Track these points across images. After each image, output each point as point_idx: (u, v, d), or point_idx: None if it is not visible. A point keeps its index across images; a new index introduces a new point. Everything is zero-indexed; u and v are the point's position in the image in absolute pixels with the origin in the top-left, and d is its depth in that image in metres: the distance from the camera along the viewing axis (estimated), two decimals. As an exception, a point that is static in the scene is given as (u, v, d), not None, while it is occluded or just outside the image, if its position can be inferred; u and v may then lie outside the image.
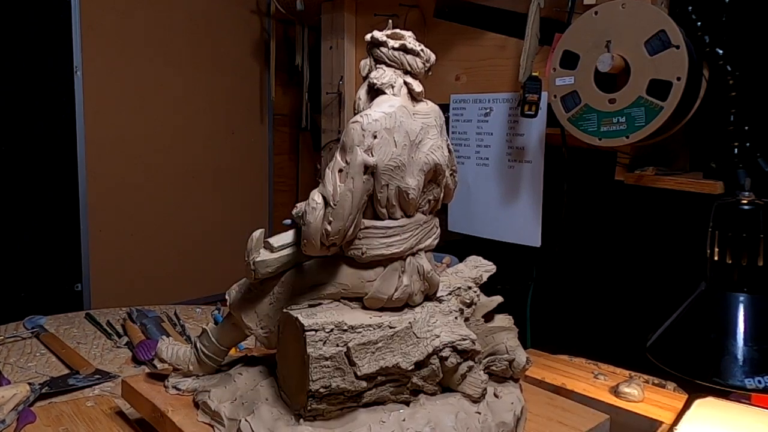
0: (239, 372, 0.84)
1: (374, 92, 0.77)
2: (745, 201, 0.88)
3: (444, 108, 0.90)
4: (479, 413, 0.78)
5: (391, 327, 0.73)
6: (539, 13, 1.31)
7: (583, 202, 1.54)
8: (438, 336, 0.75)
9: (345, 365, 0.70)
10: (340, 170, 0.71)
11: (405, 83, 0.77)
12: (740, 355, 0.84)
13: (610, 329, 1.50)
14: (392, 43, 0.76)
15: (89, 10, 1.79)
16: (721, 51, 1.07)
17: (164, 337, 0.91)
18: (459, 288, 0.83)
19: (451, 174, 0.81)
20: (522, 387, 0.88)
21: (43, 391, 1.01)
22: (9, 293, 1.73)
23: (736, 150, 1.03)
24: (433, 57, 0.79)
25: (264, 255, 0.76)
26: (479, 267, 0.89)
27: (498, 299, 0.88)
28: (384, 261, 0.75)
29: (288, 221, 0.79)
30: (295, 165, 2.42)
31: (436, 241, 0.80)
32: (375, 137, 0.71)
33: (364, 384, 0.71)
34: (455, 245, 1.58)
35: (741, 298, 0.87)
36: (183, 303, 1.68)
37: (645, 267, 1.49)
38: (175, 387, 0.87)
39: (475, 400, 0.79)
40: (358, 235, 0.74)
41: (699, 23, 1.10)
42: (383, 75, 0.76)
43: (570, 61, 1.20)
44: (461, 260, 0.92)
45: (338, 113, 1.92)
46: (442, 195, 0.80)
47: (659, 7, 1.14)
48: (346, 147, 0.71)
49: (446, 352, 0.76)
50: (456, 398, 0.78)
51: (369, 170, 0.71)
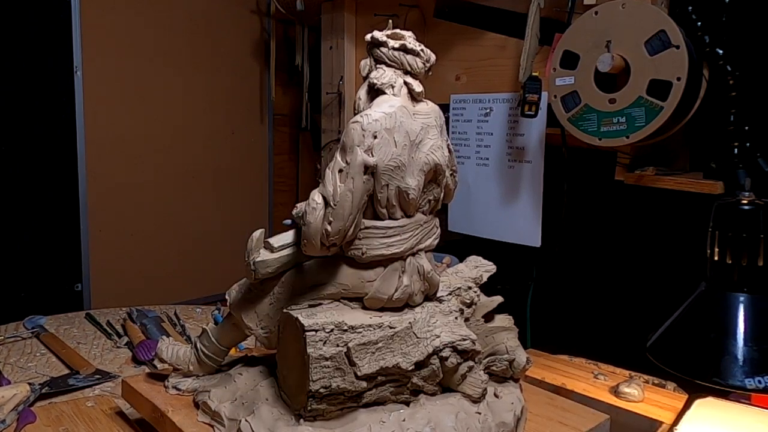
0: (239, 372, 0.84)
1: (374, 92, 0.77)
2: (745, 201, 0.88)
3: (444, 108, 0.90)
4: (479, 413, 0.78)
5: (392, 327, 0.73)
6: (539, 13, 1.31)
7: (583, 202, 1.54)
8: (438, 336, 0.75)
9: (345, 365, 0.70)
10: (340, 170, 0.71)
11: (405, 83, 0.77)
12: (740, 355, 0.84)
13: (610, 329, 1.50)
14: (392, 43, 0.76)
15: (89, 10, 1.79)
16: (721, 51, 1.07)
17: (164, 337, 0.91)
18: (459, 288, 0.83)
19: (451, 174, 0.81)
20: (522, 387, 0.88)
21: (43, 391, 1.01)
22: (9, 293, 1.73)
23: (736, 150, 1.03)
24: (433, 57, 0.79)
25: (264, 255, 0.76)
26: (479, 267, 0.89)
27: (498, 299, 0.88)
28: (384, 261, 0.75)
29: (288, 221, 0.79)
30: (295, 165, 2.42)
31: (436, 241, 0.80)
32: (375, 137, 0.71)
33: (364, 384, 0.71)
34: (455, 245, 1.58)
35: (741, 298, 0.87)
36: (183, 303, 1.68)
37: (645, 267, 1.49)
38: (175, 387, 0.87)
39: (475, 400, 0.79)
40: (359, 236, 0.74)
41: (699, 23, 1.10)
42: (383, 75, 0.76)
43: (570, 61, 1.20)
44: (461, 260, 0.92)
45: (338, 113, 1.92)
46: (442, 195, 0.80)
47: (659, 7, 1.14)
48: (346, 147, 0.71)
49: (446, 352, 0.76)
50: (456, 398, 0.78)
51: (369, 170, 0.71)
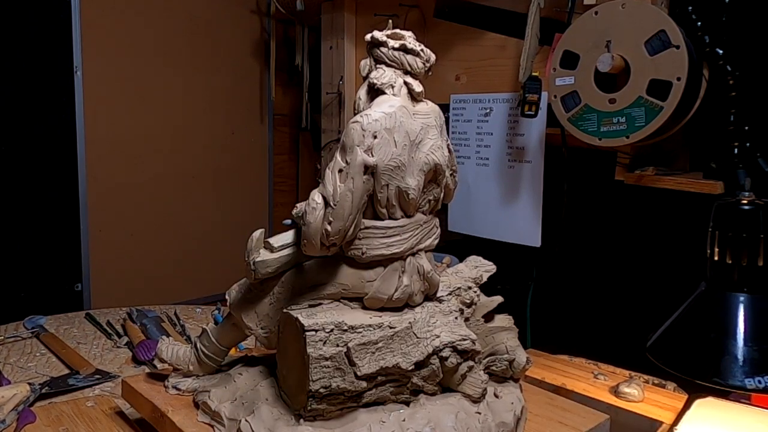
0: (239, 372, 0.84)
1: (374, 92, 0.77)
2: (745, 201, 0.88)
3: (444, 108, 0.90)
4: (479, 413, 0.78)
5: (391, 327, 0.73)
6: (539, 13, 1.31)
7: (583, 202, 1.54)
8: (438, 336, 0.75)
9: (345, 365, 0.70)
10: (340, 170, 0.71)
11: (405, 83, 0.77)
12: (740, 355, 0.84)
13: (610, 329, 1.50)
14: (392, 43, 0.76)
15: (89, 10, 1.79)
16: (721, 51, 1.07)
17: (164, 337, 0.91)
18: (459, 288, 0.83)
19: (451, 174, 0.81)
20: (522, 387, 0.88)
21: (43, 391, 1.01)
22: (9, 293, 1.73)
23: (736, 150, 1.03)
24: (433, 57, 0.79)
25: (264, 255, 0.76)
26: (479, 267, 0.89)
27: (498, 299, 0.88)
28: (384, 261, 0.75)
29: (288, 221, 0.79)
30: (295, 165, 2.42)
31: (436, 241, 0.80)
32: (375, 137, 0.71)
33: (364, 384, 0.71)
34: (455, 245, 1.58)
35: (741, 298, 0.87)
36: (183, 303, 1.68)
37: (645, 267, 1.49)
38: (175, 387, 0.87)
39: (475, 400, 0.79)
40: (358, 235, 0.74)
41: (699, 23, 1.10)
42: (383, 75, 0.76)
43: (570, 61, 1.20)
44: (461, 260, 0.92)
45: (338, 113, 1.92)
46: (442, 195, 0.80)
47: (659, 7, 1.14)
48: (346, 147, 0.71)
49: (446, 352, 0.76)
50: (456, 398, 0.78)
51: (369, 170, 0.71)
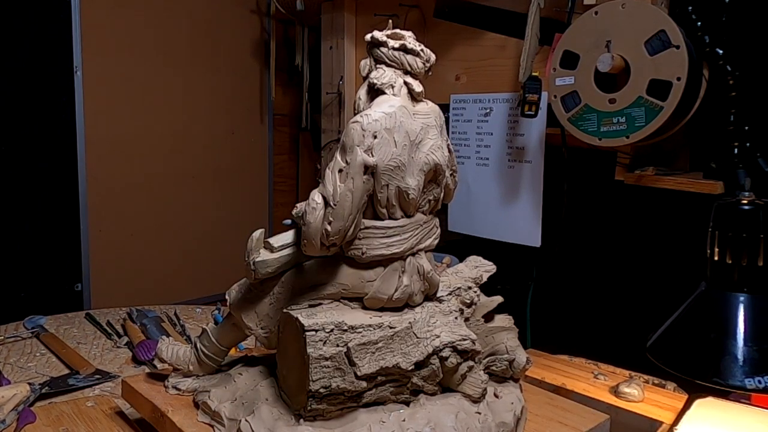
0: (239, 372, 0.84)
1: (374, 92, 0.77)
2: (745, 201, 0.88)
3: (444, 108, 0.90)
4: (479, 413, 0.78)
5: (391, 327, 0.73)
6: (539, 13, 1.31)
7: (583, 202, 1.54)
8: (438, 336, 0.75)
9: (345, 365, 0.70)
10: (340, 170, 0.71)
11: (405, 83, 0.77)
12: (740, 355, 0.84)
13: (610, 329, 1.49)
14: (392, 43, 0.76)
15: (89, 10, 1.79)
16: (721, 51, 1.07)
17: (164, 337, 0.91)
18: (459, 288, 0.83)
19: (452, 174, 0.81)
20: (522, 387, 0.88)
21: (43, 391, 1.01)
22: (9, 293, 1.73)
23: (736, 150, 1.03)
24: (433, 57, 0.79)
25: (264, 255, 0.76)
26: (479, 267, 0.89)
27: (498, 299, 0.88)
28: (384, 261, 0.75)
29: (288, 221, 0.79)
30: (295, 165, 2.42)
31: (436, 241, 0.80)
32: (375, 137, 0.71)
33: (364, 384, 0.71)
34: (455, 245, 1.58)
35: (741, 298, 0.87)
36: (183, 303, 1.68)
37: (645, 267, 1.49)
38: (175, 387, 0.87)
39: (475, 400, 0.79)
40: (358, 235, 0.74)
41: (699, 23, 1.10)
42: (383, 75, 0.76)
43: (570, 61, 1.20)
44: (461, 260, 0.92)
45: (338, 113, 1.92)
46: (442, 195, 0.80)
47: (659, 7, 1.14)
48: (346, 147, 0.71)
49: (446, 352, 0.76)
50: (456, 398, 0.78)
51: (369, 170, 0.71)
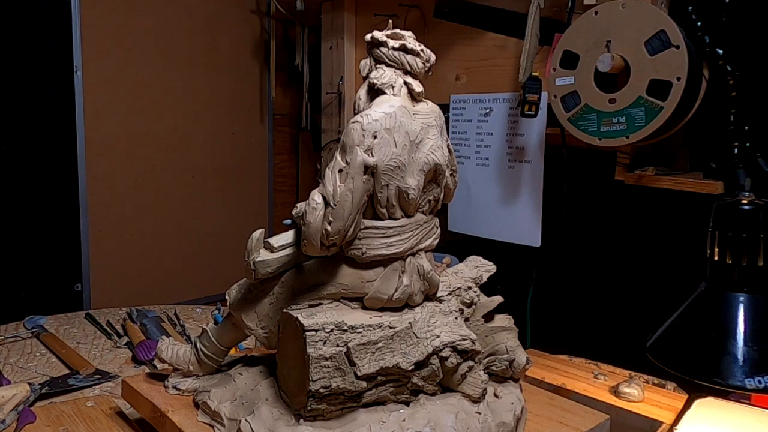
0: (239, 372, 0.84)
1: (374, 92, 0.77)
2: (745, 201, 0.88)
3: (444, 108, 0.90)
4: (479, 413, 0.78)
5: (391, 327, 0.73)
6: (539, 13, 1.31)
7: (583, 202, 1.54)
8: (438, 336, 0.75)
9: (345, 365, 0.70)
10: (340, 170, 0.71)
11: (405, 83, 0.77)
12: (740, 355, 0.84)
13: (610, 329, 1.49)
14: (392, 43, 0.76)
15: (89, 10, 1.79)
16: (721, 51, 1.07)
17: (164, 337, 0.91)
18: (459, 288, 0.83)
19: (452, 174, 0.81)
20: (522, 387, 0.88)
21: (43, 391, 1.01)
22: (9, 293, 1.73)
23: (736, 150, 1.03)
24: (433, 57, 0.79)
25: (264, 255, 0.76)
26: (479, 267, 0.89)
27: (498, 299, 0.88)
28: (384, 261, 0.75)
29: (288, 221, 0.79)
30: (295, 165, 2.42)
31: (436, 241, 0.80)
32: (375, 137, 0.71)
33: (364, 384, 0.71)
34: (455, 245, 1.58)
35: (741, 298, 0.87)
36: (183, 303, 1.68)
37: (645, 267, 1.49)
38: (175, 387, 0.87)
39: (475, 400, 0.79)
40: (358, 236, 0.74)
41: (699, 23, 1.10)
42: (383, 75, 0.76)
43: (570, 61, 1.20)
44: (461, 260, 0.92)
45: (338, 113, 1.93)
46: (442, 195, 0.80)
47: (659, 7, 1.14)
48: (346, 147, 0.71)
49: (446, 352, 0.76)
50: (456, 398, 0.78)
51: (369, 170, 0.71)
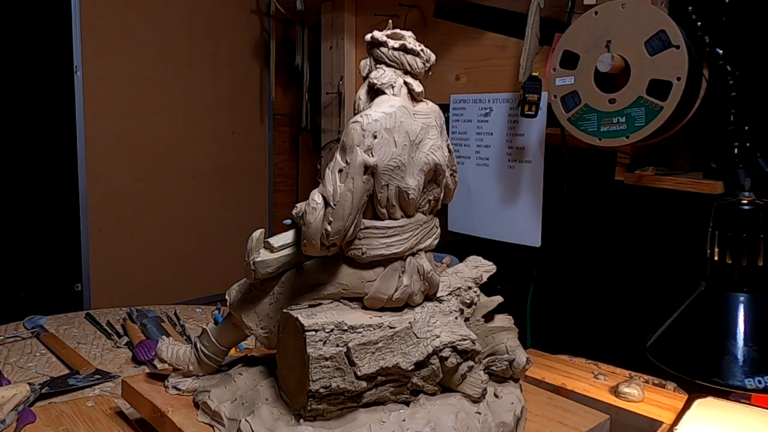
0: (239, 372, 0.84)
1: (374, 92, 0.77)
2: (745, 201, 0.88)
3: (444, 108, 0.90)
4: (479, 413, 0.78)
5: (391, 327, 0.73)
6: (539, 13, 1.31)
7: (583, 202, 1.54)
8: (438, 336, 0.75)
9: (345, 365, 0.70)
10: (340, 170, 0.71)
11: (405, 83, 0.77)
12: (740, 355, 0.84)
13: (610, 329, 1.49)
14: (392, 43, 0.76)
15: (89, 10, 1.79)
16: (721, 51, 1.07)
17: (164, 337, 0.91)
18: (459, 288, 0.83)
19: (452, 174, 0.81)
20: (522, 387, 0.88)
21: (43, 391, 1.01)
22: (9, 293, 1.73)
23: (736, 150, 1.03)
24: (433, 57, 0.79)
25: (264, 255, 0.76)
26: (479, 267, 0.89)
27: (498, 299, 0.88)
28: (384, 261, 0.75)
29: (288, 221, 0.79)
30: (295, 165, 2.42)
31: (436, 241, 0.80)
32: (375, 137, 0.71)
33: (364, 384, 0.71)
34: (455, 245, 1.58)
35: (741, 298, 0.87)
36: (183, 303, 1.68)
37: (645, 267, 1.49)
38: (175, 387, 0.87)
39: (475, 400, 0.79)
40: (358, 236, 0.74)
41: (699, 23, 1.10)
42: (383, 75, 0.76)
43: (570, 61, 1.20)
44: (461, 260, 0.92)
45: (338, 113, 1.93)
46: (442, 195, 0.80)
47: (659, 7, 1.15)
48: (346, 147, 0.71)
49: (446, 352, 0.76)
50: (456, 398, 0.78)
51: (369, 170, 0.71)
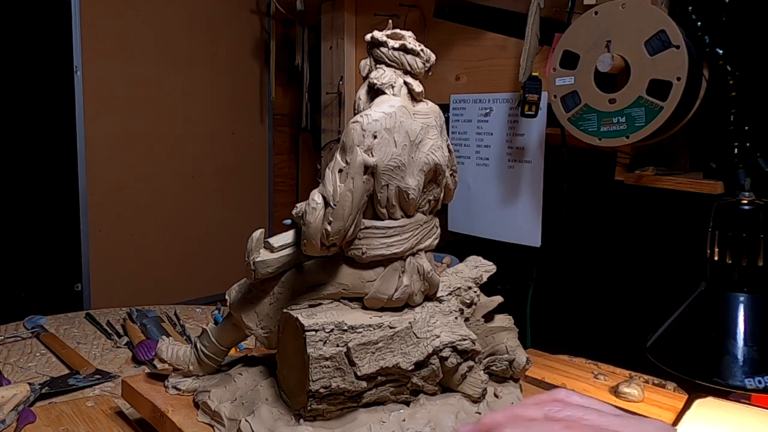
0: (239, 372, 0.84)
1: (374, 92, 0.77)
2: (745, 201, 0.88)
3: (444, 108, 0.90)
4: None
5: (391, 327, 0.73)
6: (539, 13, 1.31)
7: (583, 202, 1.54)
8: (438, 336, 0.75)
9: (345, 365, 0.70)
10: (340, 170, 0.71)
11: (405, 83, 0.77)
12: (740, 355, 0.84)
13: (610, 329, 1.50)
14: (392, 43, 0.76)
15: (89, 10, 1.79)
16: (721, 51, 1.07)
17: (164, 337, 0.91)
18: (459, 288, 0.83)
19: (452, 174, 0.81)
20: (522, 387, 0.88)
21: (43, 391, 1.01)
22: (9, 293, 1.73)
23: (736, 150, 1.03)
24: (433, 57, 0.79)
25: (264, 255, 0.76)
26: (479, 267, 0.89)
27: (498, 299, 0.88)
28: (384, 261, 0.75)
29: (288, 221, 0.79)
30: (295, 165, 2.42)
31: (436, 241, 0.80)
32: (375, 137, 0.71)
33: (364, 384, 0.71)
34: (455, 245, 1.58)
35: (741, 298, 0.87)
36: (183, 303, 1.68)
37: (645, 267, 1.49)
38: (175, 387, 0.87)
39: (475, 400, 0.79)
40: (358, 236, 0.73)
41: (699, 23, 1.10)
42: (383, 75, 0.76)
43: (570, 61, 1.20)
44: (461, 260, 0.92)
45: (338, 113, 1.93)
46: (442, 195, 0.80)
47: (659, 7, 1.15)
48: (346, 147, 0.71)
49: (446, 352, 0.76)
50: (456, 398, 0.78)
51: (369, 170, 0.71)
